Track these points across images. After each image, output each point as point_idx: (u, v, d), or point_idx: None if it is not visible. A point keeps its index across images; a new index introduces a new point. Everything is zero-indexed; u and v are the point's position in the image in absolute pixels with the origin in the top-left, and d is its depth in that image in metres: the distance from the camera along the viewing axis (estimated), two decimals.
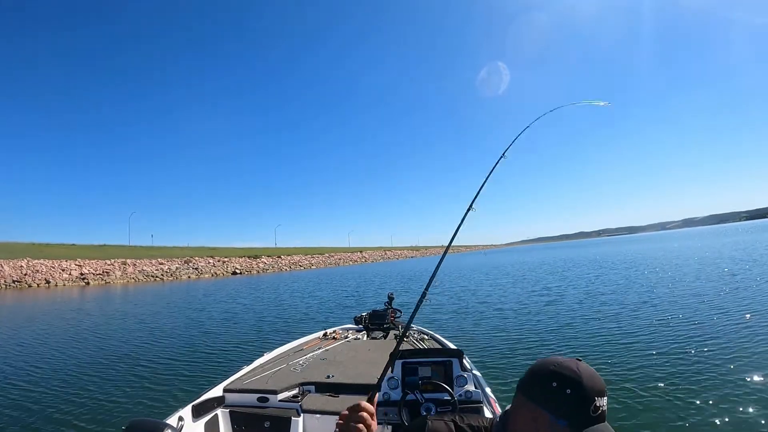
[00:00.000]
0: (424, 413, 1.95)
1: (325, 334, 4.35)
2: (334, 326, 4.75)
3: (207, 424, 2.48)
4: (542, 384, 0.92)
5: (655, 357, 5.50)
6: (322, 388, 2.71)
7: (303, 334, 4.47)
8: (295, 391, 2.65)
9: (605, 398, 0.91)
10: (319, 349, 3.70)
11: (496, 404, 2.51)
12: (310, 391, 2.70)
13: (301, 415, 2.47)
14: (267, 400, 2.57)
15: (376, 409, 2.08)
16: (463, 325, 8.91)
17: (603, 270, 19.38)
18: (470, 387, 2.12)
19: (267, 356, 3.50)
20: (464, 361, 2.58)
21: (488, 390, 2.68)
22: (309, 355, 3.47)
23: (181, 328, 10.36)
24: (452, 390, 2.04)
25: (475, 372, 2.91)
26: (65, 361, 7.47)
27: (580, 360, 0.96)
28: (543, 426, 0.91)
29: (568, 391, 0.89)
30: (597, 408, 0.89)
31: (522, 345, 6.84)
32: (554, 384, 0.90)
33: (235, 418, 2.56)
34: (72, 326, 12.21)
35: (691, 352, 5.56)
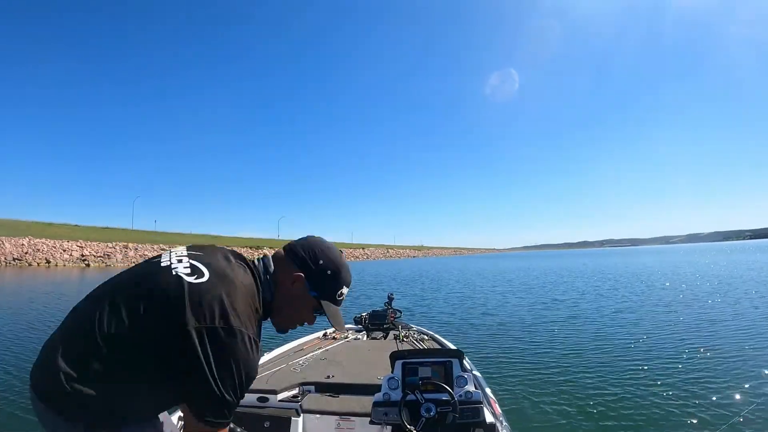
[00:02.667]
0: (424, 413, 1.88)
1: (324, 334, 4.32)
2: None
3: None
4: (312, 258, 1.12)
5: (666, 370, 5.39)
6: (322, 388, 2.66)
7: (303, 334, 4.44)
8: (294, 391, 2.60)
9: (347, 290, 1.18)
10: (318, 349, 3.65)
11: (496, 404, 2.44)
12: (309, 391, 2.66)
13: (301, 415, 2.43)
14: (267, 400, 2.51)
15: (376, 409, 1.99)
16: (464, 326, 8.83)
17: (612, 281, 19.18)
18: (470, 387, 2.05)
19: (267, 356, 3.47)
20: (464, 361, 2.51)
21: (488, 390, 2.62)
22: (309, 355, 3.43)
23: None
24: (452, 390, 1.96)
25: (475, 372, 2.85)
26: None
27: (342, 252, 1.19)
28: (299, 289, 1.12)
29: (329, 272, 1.12)
30: (341, 294, 1.17)
31: (522, 345, 6.77)
32: (321, 262, 1.12)
33: (235, 418, 2.49)
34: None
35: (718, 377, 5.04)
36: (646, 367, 5.40)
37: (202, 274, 0.99)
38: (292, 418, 2.40)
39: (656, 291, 14.28)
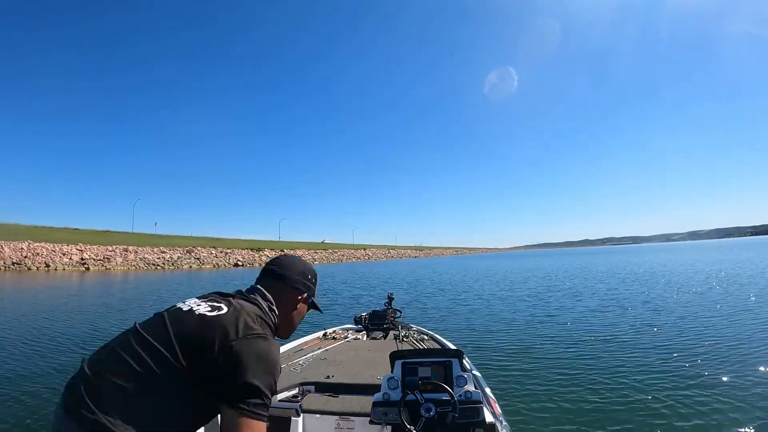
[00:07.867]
0: (424, 413, 1.87)
1: (324, 334, 4.31)
2: (333, 326, 4.72)
3: (207, 424, 2.41)
4: (305, 278, 1.43)
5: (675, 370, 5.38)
6: (322, 388, 2.66)
7: (303, 334, 4.43)
8: (294, 391, 2.60)
9: None
10: (318, 349, 3.66)
11: (496, 404, 2.43)
12: (309, 391, 2.65)
13: (301, 415, 2.41)
14: None
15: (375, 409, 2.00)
16: (464, 326, 8.82)
17: (615, 280, 19.14)
18: (470, 387, 2.04)
19: None
20: (464, 361, 2.51)
21: (488, 390, 2.61)
22: (309, 355, 3.43)
23: None
24: (452, 390, 1.95)
25: (474, 372, 2.84)
26: (57, 355, 7.35)
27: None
28: (303, 306, 1.43)
29: (315, 279, 1.48)
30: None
31: (522, 345, 6.76)
32: (309, 276, 1.45)
33: None
34: (65, 317, 12.18)
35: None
36: (648, 367, 5.37)
37: (220, 309, 1.22)
38: (292, 418, 2.39)
39: (651, 289, 14.26)
